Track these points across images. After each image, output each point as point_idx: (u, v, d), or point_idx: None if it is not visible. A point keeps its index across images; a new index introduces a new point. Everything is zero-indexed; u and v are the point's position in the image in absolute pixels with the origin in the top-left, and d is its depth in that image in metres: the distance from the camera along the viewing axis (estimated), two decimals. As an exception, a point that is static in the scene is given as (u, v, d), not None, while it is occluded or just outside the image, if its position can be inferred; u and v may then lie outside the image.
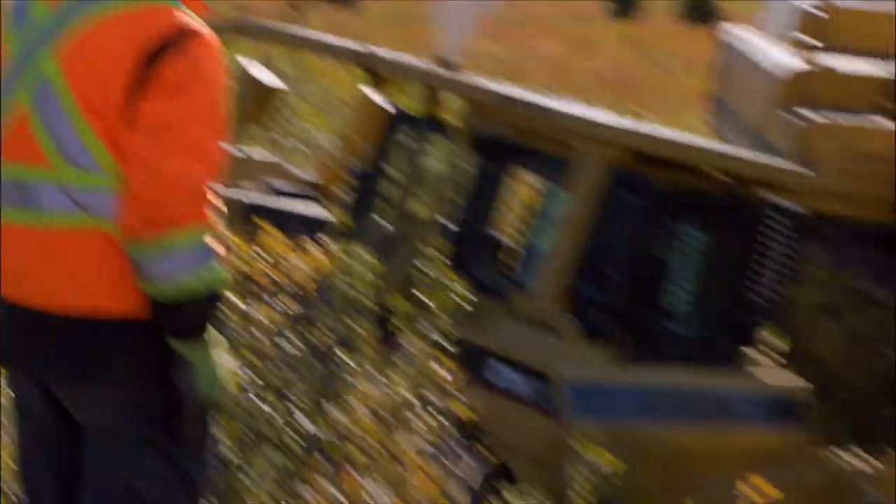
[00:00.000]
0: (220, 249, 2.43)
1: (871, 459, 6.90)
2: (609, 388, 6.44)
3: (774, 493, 5.15)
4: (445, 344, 4.01)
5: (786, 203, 7.03)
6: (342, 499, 3.39)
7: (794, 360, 7.36)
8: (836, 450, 6.99)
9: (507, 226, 8.16)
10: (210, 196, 2.37)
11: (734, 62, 9.49)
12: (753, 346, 6.96)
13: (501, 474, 5.71)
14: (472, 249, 6.80)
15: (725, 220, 6.88)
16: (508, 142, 6.92)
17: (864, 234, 8.10)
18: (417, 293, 4.11)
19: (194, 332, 2.39)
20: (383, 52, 7.61)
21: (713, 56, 10.19)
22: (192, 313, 2.38)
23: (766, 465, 6.35)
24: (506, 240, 7.68)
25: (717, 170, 6.81)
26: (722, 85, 9.78)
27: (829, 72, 8.16)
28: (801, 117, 7.85)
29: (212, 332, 2.43)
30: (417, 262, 4.25)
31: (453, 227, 6.63)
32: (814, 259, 7.82)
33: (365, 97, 7.82)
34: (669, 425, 6.50)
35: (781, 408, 7.00)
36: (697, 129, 11.53)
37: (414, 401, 3.73)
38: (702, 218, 6.91)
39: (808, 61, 8.05)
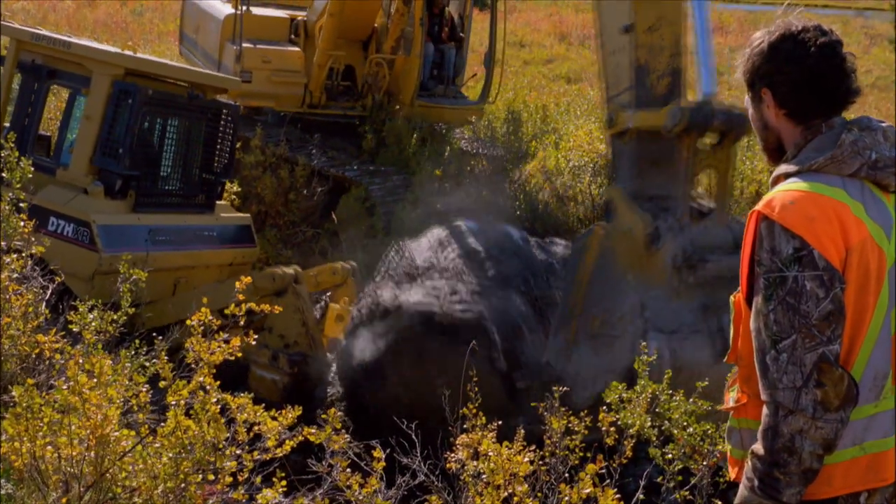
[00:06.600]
0: None
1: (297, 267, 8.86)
2: (127, 228, 8.11)
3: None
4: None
5: (230, 101, 9.28)
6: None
7: (245, 200, 10.24)
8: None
9: (51, 124, 9.67)
10: None
11: (192, 10, 12.59)
12: (219, 195, 9.07)
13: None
14: (27, 144, 8.13)
15: (193, 114, 8.81)
16: (46, 67, 8.41)
17: (283, 119, 11.50)
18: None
19: None
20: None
21: (181, 5, 13.16)
22: None
23: (232, 272, 8.51)
24: (49, 134, 9.04)
25: (184, 81, 8.77)
26: (187, 27, 12.85)
27: (252, 15, 11.41)
28: (238, 45, 11.00)
29: None
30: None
31: (8, 129, 8.02)
32: (252, 136, 10.98)
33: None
34: (169, 250, 8.38)
35: (237, 234, 9.16)
36: (172, 56, 14.25)
37: None
38: (178, 113, 8.77)
39: (235, 8, 11.06)
